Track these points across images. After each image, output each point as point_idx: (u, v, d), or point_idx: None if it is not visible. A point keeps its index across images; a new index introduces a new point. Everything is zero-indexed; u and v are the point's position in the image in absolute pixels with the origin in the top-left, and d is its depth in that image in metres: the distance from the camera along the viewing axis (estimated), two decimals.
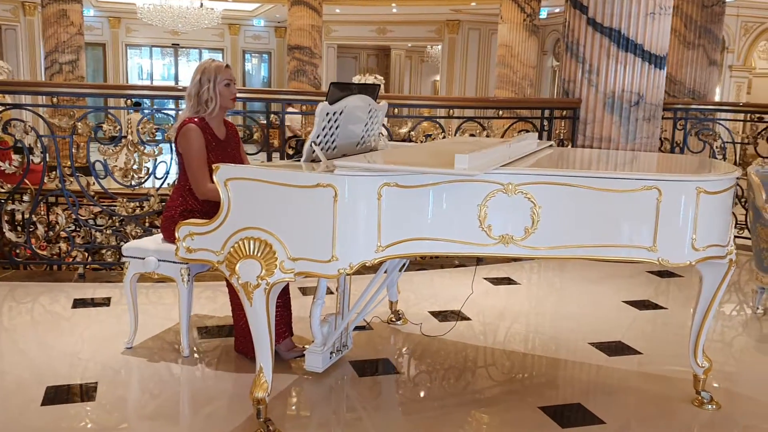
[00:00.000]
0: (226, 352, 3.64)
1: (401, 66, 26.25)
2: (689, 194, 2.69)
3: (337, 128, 3.08)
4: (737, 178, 2.90)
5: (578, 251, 2.75)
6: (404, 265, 3.77)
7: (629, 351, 3.80)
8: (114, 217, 4.82)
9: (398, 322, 4.04)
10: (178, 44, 23.01)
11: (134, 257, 3.55)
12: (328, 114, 2.93)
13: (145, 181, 4.89)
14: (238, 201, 2.66)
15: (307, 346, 3.48)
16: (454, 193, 2.66)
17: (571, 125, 5.95)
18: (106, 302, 4.37)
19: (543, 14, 16.89)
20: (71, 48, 14.42)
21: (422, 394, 3.28)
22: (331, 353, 3.41)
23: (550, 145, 3.66)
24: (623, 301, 4.67)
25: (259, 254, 2.63)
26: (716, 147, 6.39)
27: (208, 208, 3.58)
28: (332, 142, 3.07)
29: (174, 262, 3.48)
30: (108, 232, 4.84)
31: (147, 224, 4.91)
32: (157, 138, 4.84)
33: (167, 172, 4.86)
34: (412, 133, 5.27)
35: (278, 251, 2.61)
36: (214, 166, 2.72)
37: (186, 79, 23.71)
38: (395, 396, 3.25)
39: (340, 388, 3.30)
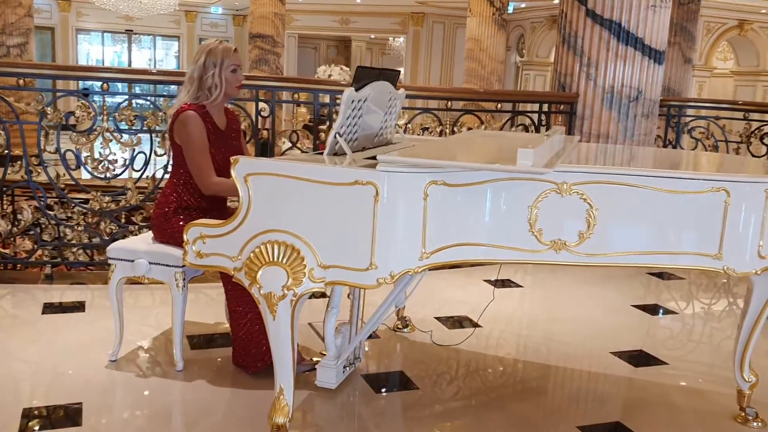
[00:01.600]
0: (223, 366, 3.28)
1: (362, 57, 25.86)
2: (758, 197, 2.45)
3: (359, 118, 2.76)
4: None
5: (637, 258, 2.49)
6: None
7: (654, 361, 3.57)
8: (87, 213, 4.38)
9: (405, 330, 3.74)
10: (131, 30, 22.17)
11: (121, 259, 3.16)
12: (353, 102, 2.61)
13: (122, 173, 4.46)
14: (260, 199, 2.31)
15: (316, 359, 3.15)
16: (504, 194, 2.37)
17: (567, 120, 5.72)
18: (79, 307, 3.95)
19: (510, 9, 16.74)
20: (20, 30, 13.62)
21: (447, 414, 2.97)
22: (345, 367, 3.08)
23: (579, 140, 3.39)
24: (633, 305, 4.46)
25: (284, 261, 2.29)
26: (709, 146, 6.25)
27: (208, 205, 3.23)
28: (354, 134, 2.75)
29: (168, 265, 3.11)
30: (79, 228, 4.40)
31: (123, 220, 4.48)
32: (135, 126, 4.42)
33: (146, 164, 4.44)
34: (409, 125, 4.96)
35: (307, 257, 2.28)
36: (232, 159, 2.36)
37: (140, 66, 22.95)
38: (417, 416, 2.93)
39: (356, 406, 2.98)
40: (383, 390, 3.10)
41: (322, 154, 2.65)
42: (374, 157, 2.72)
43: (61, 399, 2.86)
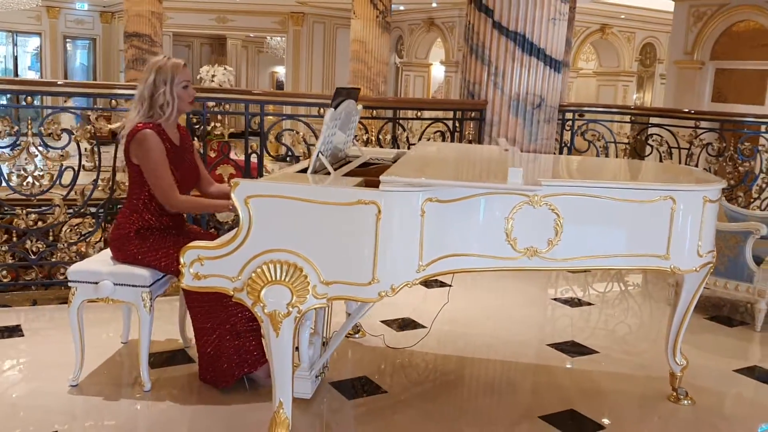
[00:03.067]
0: (189, 383, 3.28)
1: (237, 56, 25.49)
2: (698, 203, 2.80)
3: (334, 135, 2.87)
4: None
5: (598, 262, 2.77)
6: None
7: (587, 351, 3.91)
8: (12, 231, 4.18)
9: (357, 336, 3.87)
10: None
11: (84, 281, 3.08)
12: (334, 120, 2.72)
13: (49, 189, 4.28)
14: (261, 221, 2.38)
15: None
16: (486, 207, 2.57)
17: (477, 126, 6.03)
18: (16, 331, 3.78)
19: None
20: None
21: (419, 415, 3.13)
22: (316, 377, 3.18)
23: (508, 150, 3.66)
24: (553, 299, 4.83)
25: (287, 279, 2.37)
26: (600, 147, 6.77)
27: (169, 224, 3.21)
28: (329, 151, 2.85)
29: (134, 286, 3.08)
30: (3, 248, 4.19)
31: (51, 238, 4.31)
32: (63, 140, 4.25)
33: (75, 180, 4.29)
34: None
35: (310, 275, 2.37)
36: (232, 182, 2.40)
37: None
38: (391, 419, 3.08)
39: (333, 414, 3.09)
40: (354, 397, 3.22)
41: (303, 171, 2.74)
42: (351, 173, 2.85)
43: (31, 429, 2.77)
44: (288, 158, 4.94)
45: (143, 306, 3.09)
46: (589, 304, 4.80)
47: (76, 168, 4.28)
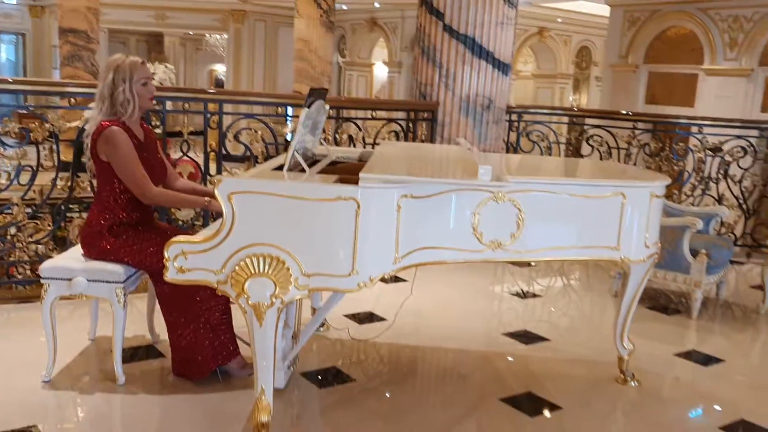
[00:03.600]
0: (163, 377, 3.36)
1: (175, 53, 25.09)
2: (645, 198, 3.04)
3: (305, 134, 3.00)
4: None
5: (556, 253, 2.98)
6: None
7: (539, 339, 4.14)
8: None
9: (322, 329, 4.00)
10: None
11: (57, 278, 3.12)
12: (308, 120, 2.84)
13: (6, 189, 4.26)
14: (244, 216, 2.48)
15: None
16: (456, 203, 2.73)
17: (429, 127, 6.22)
18: None
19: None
20: None
21: (387, 400, 3.29)
22: (288, 368, 3.29)
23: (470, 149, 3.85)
24: (503, 292, 5.05)
25: (270, 272, 2.48)
26: (544, 147, 7.06)
27: (140, 219, 3.28)
28: (302, 149, 2.98)
29: (107, 282, 3.13)
30: None
31: (9, 237, 4.29)
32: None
33: (33, 179, 4.28)
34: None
35: (292, 267, 2.49)
36: (216, 178, 2.51)
37: None
38: (361, 405, 3.22)
39: (307, 402, 3.21)
40: (325, 386, 3.35)
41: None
42: (321, 171, 2.99)
43: (13, 424, 2.80)
44: (247, 158, 5.01)
45: (117, 301, 3.15)
46: (537, 296, 5.04)
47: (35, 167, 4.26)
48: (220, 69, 26.02)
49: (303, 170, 2.81)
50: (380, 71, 19.61)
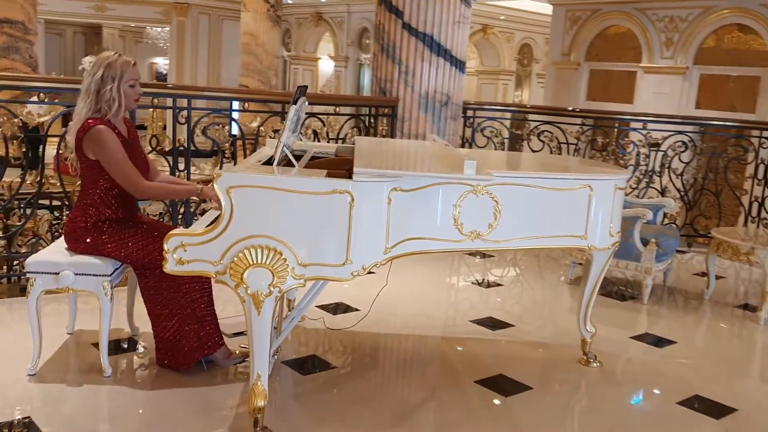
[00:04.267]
0: (148, 368, 3.42)
1: (114, 45, 24.52)
2: (610, 190, 3.26)
3: (291, 131, 3.11)
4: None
5: (529, 242, 3.18)
6: None
7: (504, 325, 4.34)
8: None
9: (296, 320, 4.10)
10: None
11: (43, 272, 3.16)
12: (296, 114, 2.96)
13: None
14: (242, 209, 2.59)
15: (242, 348, 3.45)
16: (440, 196, 2.89)
17: (390, 122, 6.38)
18: None
19: None
20: None
21: (366, 384, 3.45)
22: (271, 356, 3.40)
23: (446, 144, 4.02)
24: (469, 280, 5.26)
25: (268, 262, 2.60)
26: (497, 142, 7.30)
27: (124, 216, 3.32)
28: (288, 146, 3.09)
29: (95, 275, 3.19)
30: None
31: None
32: None
33: (1, 173, 4.26)
34: (261, 128, 5.28)
35: (288, 258, 2.61)
36: (215, 173, 2.60)
37: None
38: (349, 388, 3.37)
39: (291, 389, 3.33)
40: (308, 372, 3.47)
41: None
42: (307, 165, 3.10)
43: (5, 416, 2.84)
44: (215, 153, 5.07)
45: (104, 294, 3.20)
46: (496, 285, 5.26)
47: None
48: (161, 62, 25.60)
49: (291, 165, 2.93)
50: (325, 65, 19.68)
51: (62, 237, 3.51)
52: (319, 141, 5.60)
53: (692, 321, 4.80)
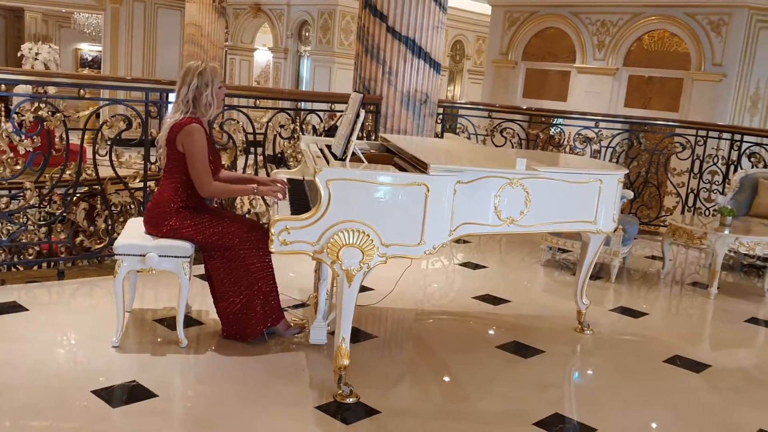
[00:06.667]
0: (216, 339, 3.82)
1: (37, 30, 23.82)
2: (615, 184, 3.91)
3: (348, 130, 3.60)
4: None
5: (552, 226, 3.80)
6: None
7: (502, 301, 4.96)
8: None
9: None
10: None
11: (130, 254, 3.52)
12: (359, 119, 3.45)
13: (21, 173, 4.48)
14: (338, 198, 3.06)
15: (296, 323, 3.91)
16: (485, 187, 3.44)
17: (374, 119, 6.88)
18: (17, 308, 4.01)
19: None
20: None
21: (410, 349, 3.99)
22: (327, 326, 3.88)
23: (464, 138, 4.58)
24: (457, 264, 5.85)
25: (358, 243, 3.09)
26: (463, 137, 7.93)
27: (199, 202, 3.72)
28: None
29: (176, 257, 3.57)
30: None
31: (26, 220, 4.51)
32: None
33: (45, 164, 4.52)
34: (270, 123, 5.68)
35: (374, 239, 3.11)
36: (316, 168, 3.06)
37: None
38: (390, 354, 3.89)
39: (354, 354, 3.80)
40: (355, 342, 3.95)
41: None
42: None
43: (113, 380, 3.22)
44: (228, 147, 5.44)
45: (183, 274, 3.59)
46: (485, 266, 5.88)
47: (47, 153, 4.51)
48: (86, 48, 25.01)
49: (361, 161, 3.42)
50: (260, 56, 19.88)
51: (129, 222, 3.88)
52: (318, 135, 6.05)
53: (656, 296, 5.55)
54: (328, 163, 3.35)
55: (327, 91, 15.03)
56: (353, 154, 3.50)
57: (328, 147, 3.96)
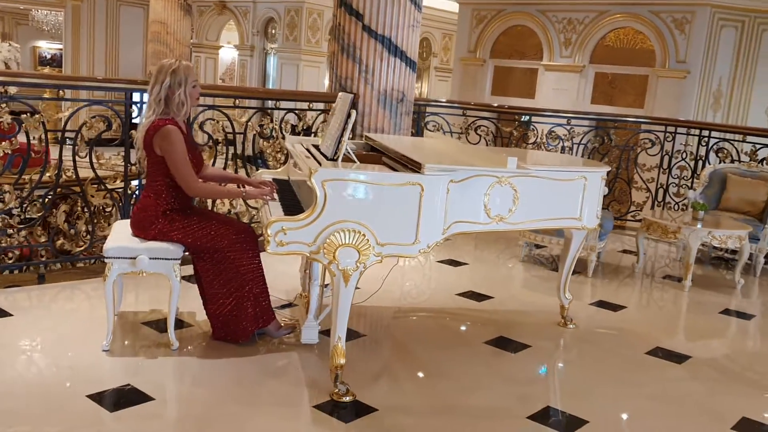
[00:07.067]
0: (206, 341, 3.80)
1: None
2: (598, 181, 3.99)
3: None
4: None
5: (539, 224, 3.85)
6: None
7: (485, 297, 5.02)
8: None
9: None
10: None
11: (120, 257, 3.49)
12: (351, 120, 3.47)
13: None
14: (334, 198, 3.08)
15: (286, 322, 3.91)
16: (475, 186, 3.49)
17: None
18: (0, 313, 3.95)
19: None
20: None
21: (398, 346, 4.02)
22: (318, 325, 3.89)
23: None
24: (437, 261, 5.90)
25: (354, 243, 3.11)
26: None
27: (185, 204, 3.70)
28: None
29: (167, 259, 3.55)
30: None
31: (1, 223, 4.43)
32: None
33: (24, 166, 4.44)
34: (249, 123, 5.66)
35: (370, 239, 3.13)
36: (312, 168, 3.06)
37: None
38: (381, 352, 3.93)
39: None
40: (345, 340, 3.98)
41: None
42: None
43: (106, 385, 3.19)
44: (209, 146, 5.40)
45: (174, 276, 3.58)
46: (465, 263, 5.94)
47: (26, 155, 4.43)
48: (44, 46, 24.53)
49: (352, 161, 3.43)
50: (225, 54, 19.71)
51: (115, 225, 3.84)
52: (298, 134, 6.05)
53: (632, 290, 5.68)
54: (320, 163, 3.36)
55: (295, 89, 14.97)
56: (344, 154, 3.52)
57: (315, 147, 3.97)
